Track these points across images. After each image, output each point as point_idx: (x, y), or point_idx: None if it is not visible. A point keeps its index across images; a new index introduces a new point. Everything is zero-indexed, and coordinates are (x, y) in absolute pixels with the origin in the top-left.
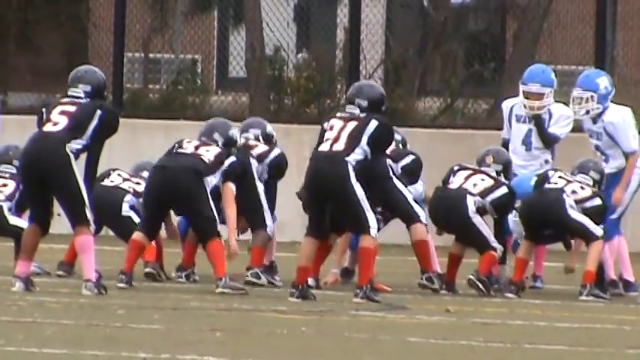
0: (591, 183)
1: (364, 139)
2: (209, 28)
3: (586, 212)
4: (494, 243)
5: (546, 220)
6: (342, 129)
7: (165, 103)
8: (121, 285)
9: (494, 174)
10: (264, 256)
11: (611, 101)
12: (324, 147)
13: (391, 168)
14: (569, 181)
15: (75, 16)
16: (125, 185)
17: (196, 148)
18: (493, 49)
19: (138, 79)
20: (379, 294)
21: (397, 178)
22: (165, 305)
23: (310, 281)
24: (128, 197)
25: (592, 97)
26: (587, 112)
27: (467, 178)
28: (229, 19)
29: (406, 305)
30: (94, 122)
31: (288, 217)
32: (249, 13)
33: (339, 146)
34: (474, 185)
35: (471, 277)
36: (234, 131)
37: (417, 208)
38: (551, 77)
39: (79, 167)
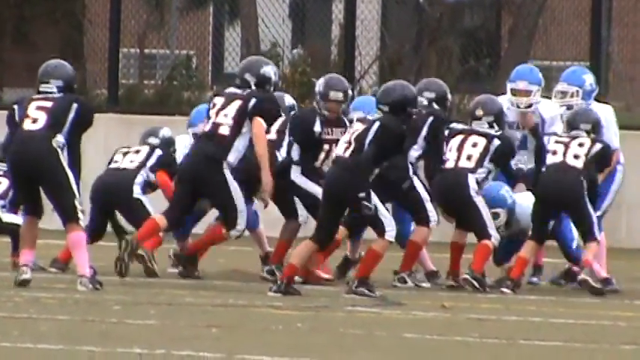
0: (585, 134)
1: (366, 142)
2: (204, 24)
3: (595, 161)
4: (492, 230)
5: (562, 201)
6: (354, 132)
7: (161, 99)
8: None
9: (486, 126)
10: (286, 252)
11: (595, 99)
12: (339, 150)
13: (411, 165)
14: (567, 145)
15: (70, 12)
16: (131, 164)
17: (217, 113)
18: (488, 46)
19: (133, 74)
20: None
21: (417, 176)
22: (161, 301)
23: None
24: (139, 178)
25: (577, 92)
26: (570, 107)
27: (460, 149)
28: (225, 14)
29: (402, 301)
30: (71, 116)
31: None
32: (244, 9)
33: (348, 152)
34: (469, 158)
35: (466, 275)
36: (268, 68)
37: (430, 211)
38: (538, 76)
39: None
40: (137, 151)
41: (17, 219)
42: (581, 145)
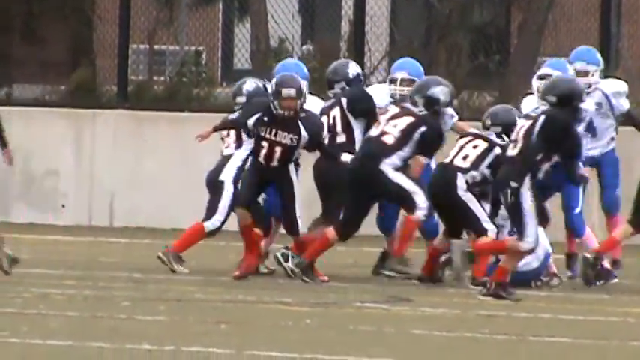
0: None
1: (533, 136)
2: (214, 20)
3: None
4: (487, 223)
5: None
6: (520, 129)
7: (170, 95)
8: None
9: (493, 137)
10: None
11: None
12: (508, 151)
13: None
14: None
15: (80, 8)
16: (228, 150)
17: (387, 121)
18: (498, 42)
19: (143, 70)
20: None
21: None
22: (170, 297)
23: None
24: (234, 160)
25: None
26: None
27: (461, 148)
28: (234, 11)
29: (410, 297)
30: None
31: None
32: (253, 5)
33: (516, 150)
34: (465, 158)
35: (480, 296)
36: (437, 89)
37: None
38: (596, 57)
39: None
40: (227, 135)
41: None
42: None
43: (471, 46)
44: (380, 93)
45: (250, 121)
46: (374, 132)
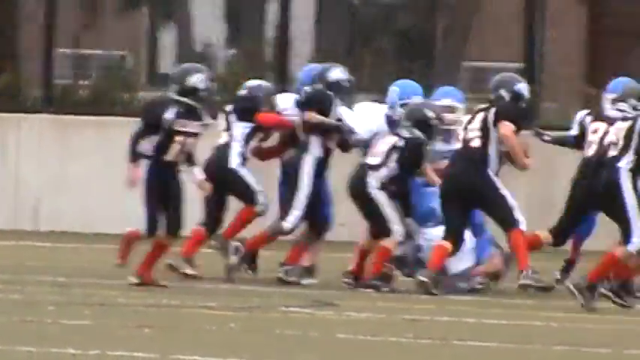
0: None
1: (634, 140)
2: (139, 25)
3: None
4: (395, 225)
5: None
6: (605, 133)
7: (95, 99)
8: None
9: (404, 132)
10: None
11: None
12: (590, 152)
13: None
14: None
15: (5, 10)
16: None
17: (465, 130)
18: (422, 46)
19: (67, 75)
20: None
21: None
22: (94, 301)
23: None
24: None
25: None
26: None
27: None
28: (159, 15)
29: (335, 302)
30: None
31: None
32: (179, 9)
33: (613, 152)
34: (375, 155)
35: (366, 288)
36: (522, 86)
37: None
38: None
39: None
40: None
41: None
42: None
43: (395, 50)
44: (372, 113)
45: (170, 115)
46: (468, 133)
